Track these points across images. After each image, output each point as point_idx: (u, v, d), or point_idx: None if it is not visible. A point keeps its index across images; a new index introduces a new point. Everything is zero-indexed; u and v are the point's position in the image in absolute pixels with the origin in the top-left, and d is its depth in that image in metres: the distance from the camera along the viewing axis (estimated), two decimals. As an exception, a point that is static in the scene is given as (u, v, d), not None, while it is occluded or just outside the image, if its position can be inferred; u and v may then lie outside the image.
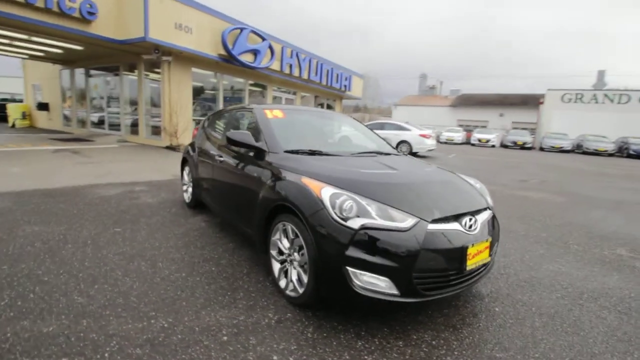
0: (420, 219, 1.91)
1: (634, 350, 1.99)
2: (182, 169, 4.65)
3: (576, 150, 22.74)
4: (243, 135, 2.75)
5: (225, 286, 2.41)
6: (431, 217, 1.94)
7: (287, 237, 2.26)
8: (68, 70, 13.91)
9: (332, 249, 1.88)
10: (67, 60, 13.15)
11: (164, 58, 9.71)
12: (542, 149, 23.24)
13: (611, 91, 25.93)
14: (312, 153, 2.65)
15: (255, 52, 11.63)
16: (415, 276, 1.84)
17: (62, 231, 3.29)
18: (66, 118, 14.66)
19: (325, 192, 2.00)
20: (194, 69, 11.01)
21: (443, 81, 50.44)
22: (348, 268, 1.84)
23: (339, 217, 1.89)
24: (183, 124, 10.54)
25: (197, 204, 4.28)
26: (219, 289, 2.36)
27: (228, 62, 11.02)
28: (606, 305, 2.50)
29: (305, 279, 2.08)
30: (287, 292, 2.25)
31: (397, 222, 1.88)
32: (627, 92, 24.92)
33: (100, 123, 13.06)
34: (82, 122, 13.77)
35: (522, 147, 23.68)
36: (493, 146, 24.42)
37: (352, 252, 1.83)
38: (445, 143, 24.90)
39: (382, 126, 14.48)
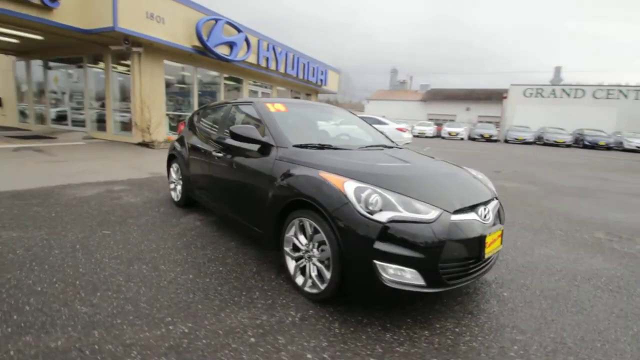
0: (444, 210, 1.93)
1: (632, 324, 2.14)
2: (169, 166, 4.43)
3: (537, 142, 24.19)
4: (249, 129, 2.64)
5: (238, 286, 2.33)
6: (453, 208, 1.97)
7: (304, 233, 2.21)
8: (23, 62, 12.78)
9: (359, 243, 1.86)
10: (22, 51, 12.07)
11: (134, 49, 9.17)
12: (506, 141, 24.51)
13: (568, 86, 27.76)
14: (322, 147, 2.60)
15: (231, 45, 11.27)
16: (441, 266, 1.87)
17: (44, 236, 3.02)
18: (22, 114, 13.49)
19: (349, 186, 1.97)
20: (167, 62, 10.49)
21: (413, 76, 51.65)
22: (376, 262, 1.83)
23: (365, 211, 1.87)
24: (156, 119, 10.05)
25: (187, 202, 4.10)
26: (232, 290, 2.27)
27: (203, 54, 10.61)
28: (599, 285, 2.67)
29: (327, 274, 2.04)
30: (306, 288, 2.21)
31: (422, 214, 1.89)
32: (582, 87, 26.81)
33: (61, 119, 12.15)
34: (41, 118, 12.74)
35: (489, 139, 24.84)
36: (462, 139, 25.43)
37: (380, 245, 1.82)
38: (418, 136, 25.58)
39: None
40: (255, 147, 2.74)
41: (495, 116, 35.30)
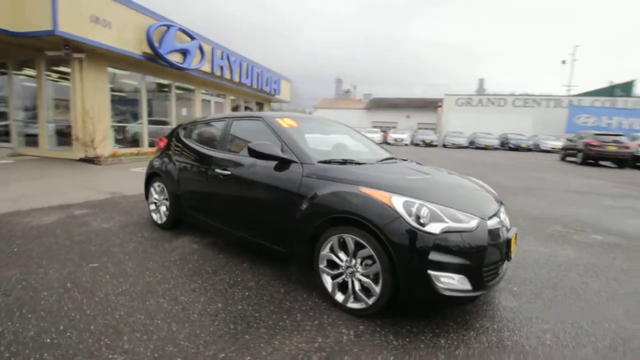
0: (481, 218, 2.09)
1: (622, 304, 2.51)
2: (149, 186, 4.06)
3: (470, 146, 26.82)
4: (269, 147, 2.57)
5: (275, 310, 2.23)
6: (486, 215, 2.14)
7: (344, 249, 2.21)
8: None
9: (414, 255, 1.92)
10: None
11: (75, 55, 8.25)
12: (445, 146, 26.77)
13: (493, 96, 31.36)
14: (345, 162, 2.63)
15: (185, 52, 10.73)
16: (484, 270, 2.01)
17: (19, 276, 2.57)
18: None
19: (397, 201, 2.04)
20: (112, 69, 9.61)
21: (357, 85, 53.96)
22: (430, 272, 1.91)
23: (417, 224, 1.95)
24: (101, 131, 9.10)
25: (174, 224, 3.79)
26: (272, 314, 2.17)
27: (153, 61, 9.93)
28: (581, 273, 3.08)
29: (376, 288, 2.07)
30: (349, 305, 2.20)
31: (464, 223, 2.02)
32: (504, 97, 30.53)
33: (-25, 133, 10.36)
34: (-53, 133, 10.72)
35: (429, 144, 26.89)
36: (406, 144, 27.15)
37: (434, 255, 1.91)
38: (367, 143, 26.64)
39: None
40: (271, 164, 2.67)
41: (431, 123, 38.40)
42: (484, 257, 1.99)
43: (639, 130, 20.87)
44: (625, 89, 29.17)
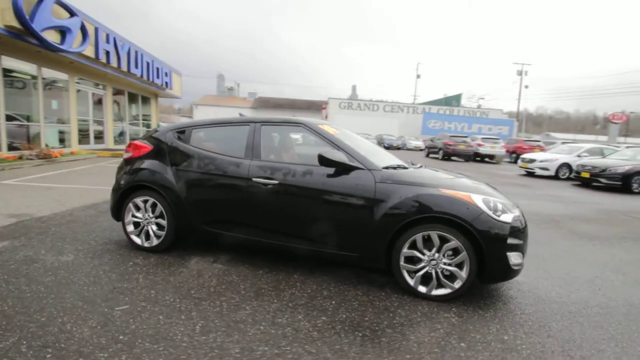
0: (517, 207, 2.71)
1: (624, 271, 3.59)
2: (124, 202, 3.28)
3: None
4: (339, 154, 2.63)
5: (376, 312, 2.31)
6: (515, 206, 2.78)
7: (426, 245, 2.49)
8: None
9: (497, 242, 2.37)
10: None
11: None
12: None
13: (369, 102, 35.83)
14: (397, 167, 2.87)
15: (64, 31, 8.58)
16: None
17: (34, 329, 1.84)
18: None
19: (477, 199, 2.46)
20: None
21: (240, 83, 52.48)
22: (508, 253, 2.40)
23: (495, 216, 2.41)
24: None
25: (173, 243, 3.24)
26: (378, 315, 2.25)
27: (19, 38, 7.58)
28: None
29: (463, 274, 2.43)
30: (433, 292, 2.50)
31: (516, 211, 2.60)
32: (377, 103, 35.37)
33: None
34: None
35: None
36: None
37: (510, 240, 2.41)
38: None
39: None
40: (327, 171, 2.70)
41: (317, 123, 40.91)
42: (527, 237, 2.61)
43: (471, 133, 27.71)
44: (456, 100, 38.01)
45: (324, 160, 2.60)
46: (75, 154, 10.51)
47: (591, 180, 10.48)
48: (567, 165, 12.61)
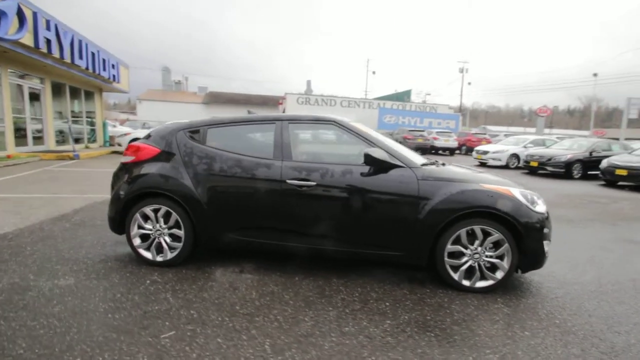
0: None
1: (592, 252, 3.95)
2: (130, 212, 2.91)
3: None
4: (382, 153, 2.59)
5: (433, 309, 2.32)
6: None
7: (470, 239, 2.56)
8: None
9: (536, 232, 2.52)
10: None
11: None
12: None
13: (326, 97, 35.97)
14: (431, 164, 2.90)
15: (-3, 15, 7.33)
16: None
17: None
18: None
19: (516, 192, 2.59)
20: None
21: (188, 77, 49.47)
22: (544, 241, 2.56)
23: (533, 207, 2.55)
24: None
25: (190, 255, 2.95)
26: (437, 312, 2.26)
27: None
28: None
29: (505, 264, 2.54)
30: (477, 285, 2.59)
31: (543, 203, 2.77)
32: (334, 98, 35.65)
33: None
34: None
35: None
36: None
37: (545, 229, 2.57)
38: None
39: (186, 126, 13.27)
40: (364, 169, 2.65)
41: (273, 119, 40.20)
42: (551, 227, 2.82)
43: (423, 127, 29.24)
44: (407, 95, 39.80)
45: (370, 160, 2.54)
46: (13, 158, 9.13)
47: (539, 168, 11.66)
48: (515, 156, 13.88)
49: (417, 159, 2.93)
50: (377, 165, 2.60)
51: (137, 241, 2.93)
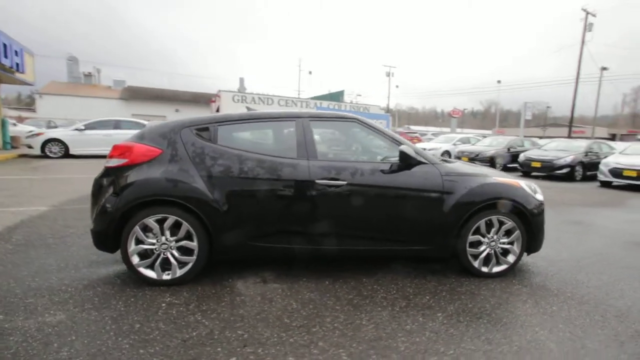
0: None
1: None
2: (127, 224, 2.46)
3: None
4: (411, 150, 2.66)
5: (469, 298, 2.45)
6: None
7: (488, 229, 2.78)
8: None
9: (539, 218, 2.85)
10: None
11: None
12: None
13: (263, 95, 35.12)
14: (445, 161, 3.05)
15: None
16: None
17: None
18: None
19: (523, 184, 2.89)
20: None
21: (101, 69, 43.53)
22: (543, 225, 2.91)
23: (535, 196, 2.88)
24: None
25: (205, 266, 2.63)
26: (472, 298, 2.40)
27: None
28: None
29: (516, 249, 2.83)
30: (494, 270, 2.82)
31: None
32: (271, 97, 34.97)
33: None
34: None
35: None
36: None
37: (544, 215, 2.91)
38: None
39: (117, 124, 11.87)
40: (388, 167, 2.69)
41: (206, 118, 37.87)
42: None
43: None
44: (341, 95, 41.35)
45: (404, 156, 2.59)
46: None
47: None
48: (447, 153, 15.43)
49: (434, 156, 3.07)
50: (407, 162, 2.64)
51: (135, 259, 2.50)
